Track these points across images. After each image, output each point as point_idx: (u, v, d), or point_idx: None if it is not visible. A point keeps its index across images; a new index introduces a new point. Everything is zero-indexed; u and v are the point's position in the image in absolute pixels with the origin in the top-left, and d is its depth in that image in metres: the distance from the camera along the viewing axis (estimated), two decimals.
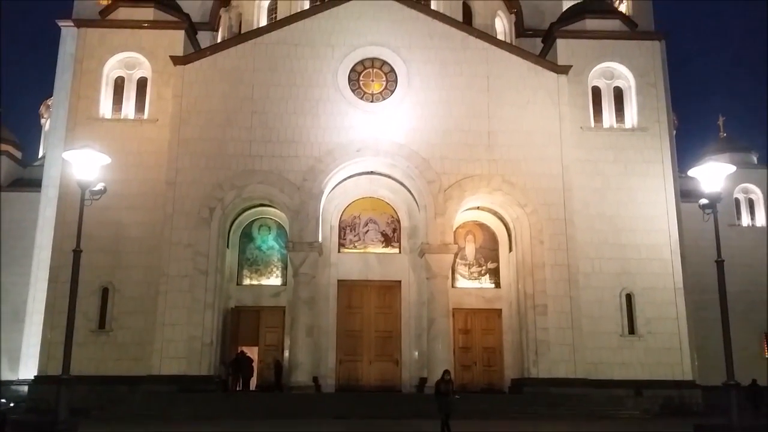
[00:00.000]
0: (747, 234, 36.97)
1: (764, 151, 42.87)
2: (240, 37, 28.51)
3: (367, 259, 26.98)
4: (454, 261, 26.24)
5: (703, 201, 15.62)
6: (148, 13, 28.33)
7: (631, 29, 29.73)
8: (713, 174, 15.49)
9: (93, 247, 23.30)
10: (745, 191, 38.09)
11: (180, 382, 23.16)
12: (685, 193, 30.87)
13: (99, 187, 16.73)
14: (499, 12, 33.42)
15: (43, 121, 42.91)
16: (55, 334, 23.59)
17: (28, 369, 28.31)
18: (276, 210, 26.57)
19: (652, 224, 26.36)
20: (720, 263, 15.47)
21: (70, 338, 14.56)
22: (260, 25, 30.73)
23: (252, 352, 26.12)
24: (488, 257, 27.47)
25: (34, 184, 33.32)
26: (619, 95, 28.17)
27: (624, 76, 28.14)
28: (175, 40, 27.43)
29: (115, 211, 24.84)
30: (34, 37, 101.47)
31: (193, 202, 24.82)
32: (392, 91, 26.30)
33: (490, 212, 27.35)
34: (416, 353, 25.92)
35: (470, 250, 27.53)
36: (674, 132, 32.47)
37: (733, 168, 16.01)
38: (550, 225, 25.17)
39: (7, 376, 31.24)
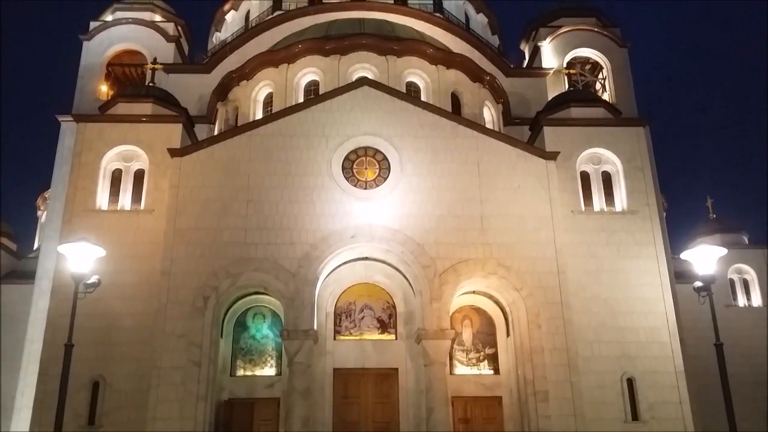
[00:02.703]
0: (744, 315, 36.90)
1: (755, 231, 43.43)
2: (236, 129, 29.25)
3: (364, 347, 26.58)
4: (452, 347, 25.89)
5: (698, 284, 15.70)
6: (146, 108, 29.18)
7: (615, 116, 30.74)
8: (706, 257, 15.65)
9: (85, 339, 22.99)
10: (739, 272, 38.28)
11: None
12: (680, 275, 30.96)
13: (93, 279, 16.78)
14: (487, 102, 34.57)
15: (39, 213, 43.29)
16: (43, 431, 22.84)
17: None
18: (271, 298, 26.40)
19: (648, 306, 26.30)
20: (719, 347, 15.38)
21: None
22: (256, 118, 31.60)
23: None
24: (486, 342, 27.13)
25: (28, 276, 33.16)
26: (607, 179, 28.77)
27: (611, 161, 28.86)
28: (173, 133, 28.09)
29: (108, 302, 24.65)
30: (33, 132, 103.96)
31: (188, 292, 24.68)
32: (385, 178, 26.77)
33: (486, 296, 27.24)
34: None
35: (467, 335, 27.22)
36: (664, 214, 32.99)
37: (724, 251, 16.23)
38: (547, 308, 25.06)
39: None
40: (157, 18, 39.10)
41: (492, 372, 26.69)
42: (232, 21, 42.22)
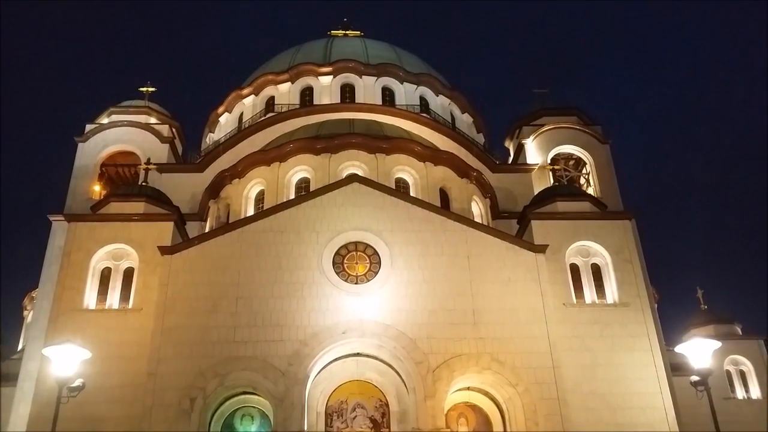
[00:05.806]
0: (744, 407, 35.99)
1: (748, 320, 43.00)
2: (227, 226, 29.47)
3: None
4: None
5: (695, 378, 15.48)
6: (138, 207, 29.48)
7: (601, 210, 31.29)
8: (701, 350, 15.50)
9: None
10: (735, 363, 37.66)
11: None
12: (675, 367, 30.42)
13: (77, 383, 16.33)
14: (475, 197, 35.22)
15: (25, 313, 42.52)
16: None
17: None
18: (260, 398, 25.64)
19: (646, 401, 25.70)
20: None
21: None
22: (247, 215, 31.93)
23: None
24: None
25: (11, 378, 32.07)
26: (597, 272, 28.93)
27: (600, 253, 29.12)
28: (164, 231, 28.28)
29: (92, 406, 23.81)
30: (22, 232, 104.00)
31: (174, 393, 23.95)
32: (376, 273, 26.75)
33: (481, 392, 26.57)
34: None
35: None
36: (656, 306, 32.88)
37: (718, 344, 16.10)
38: (544, 405, 24.43)
39: None
40: (152, 120, 40.13)
41: None
42: (225, 122, 43.49)
